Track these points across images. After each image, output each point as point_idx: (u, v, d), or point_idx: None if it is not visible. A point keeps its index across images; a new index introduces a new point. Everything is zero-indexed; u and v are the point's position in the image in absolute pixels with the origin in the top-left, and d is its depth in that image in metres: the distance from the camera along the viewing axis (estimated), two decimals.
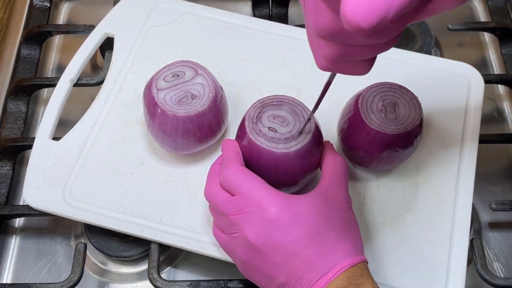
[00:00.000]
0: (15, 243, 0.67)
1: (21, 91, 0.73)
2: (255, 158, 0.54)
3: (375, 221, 0.60)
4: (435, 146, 0.64)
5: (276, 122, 0.55)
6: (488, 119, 0.76)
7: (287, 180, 0.56)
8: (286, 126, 0.54)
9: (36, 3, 0.82)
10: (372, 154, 0.58)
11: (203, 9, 0.74)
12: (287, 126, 0.54)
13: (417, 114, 0.57)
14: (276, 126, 0.54)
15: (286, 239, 0.48)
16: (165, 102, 0.58)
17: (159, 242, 0.59)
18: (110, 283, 0.64)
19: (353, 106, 0.58)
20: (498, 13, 0.82)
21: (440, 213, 0.60)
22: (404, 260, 0.58)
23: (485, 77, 0.70)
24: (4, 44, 0.79)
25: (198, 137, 0.59)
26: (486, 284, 0.60)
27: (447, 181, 0.62)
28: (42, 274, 0.64)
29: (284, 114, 0.55)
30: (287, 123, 0.55)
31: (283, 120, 0.55)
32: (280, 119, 0.55)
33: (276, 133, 0.54)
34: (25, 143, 0.67)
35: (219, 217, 0.53)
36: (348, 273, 0.48)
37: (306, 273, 0.48)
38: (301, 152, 0.54)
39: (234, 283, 0.58)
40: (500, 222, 0.68)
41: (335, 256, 0.48)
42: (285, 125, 0.54)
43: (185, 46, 0.71)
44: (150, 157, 0.63)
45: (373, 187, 0.62)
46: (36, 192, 0.61)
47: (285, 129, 0.54)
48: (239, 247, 0.51)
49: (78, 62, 0.69)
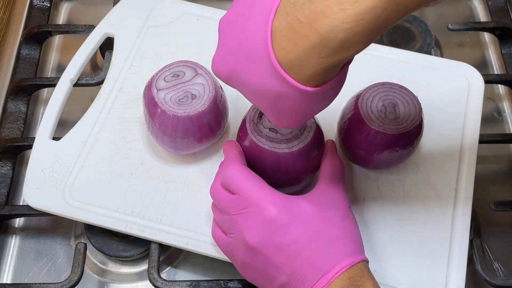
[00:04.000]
0: (15, 243, 0.66)
1: (21, 91, 0.72)
2: (258, 158, 0.54)
3: (375, 221, 0.60)
4: (435, 146, 0.64)
5: None
6: (488, 119, 0.76)
7: (290, 179, 0.56)
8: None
9: (36, 3, 0.82)
10: (372, 154, 0.58)
11: (203, 9, 0.74)
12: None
13: (417, 114, 0.57)
14: (277, 127, 0.54)
15: (286, 239, 0.48)
16: (165, 102, 0.58)
17: (159, 242, 0.59)
18: (110, 283, 0.64)
19: (353, 106, 0.58)
20: (498, 13, 0.82)
21: (440, 213, 0.60)
22: (404, 260, 0.58)
23: (485, 77, 0.70)
24: (4, 44, 0.79)
25: (198, 137, 0.59)
26: (486, 284, 0.60)
27: (447, 181, 0.62)
28: (42, 274, 0.64)
29: None
30: None
31: None
32: None
33: (278, 134, 0.54)
34: (25, 143, 0.67)
35: (221, 215, 0.53)
36: (349, 273, 0.48)
37: (307, 273, 0.48)
38: (303, 151, 0.54)
39: (234, 283, 0.58)
40: (500, 222, 0.68)
41: (336, 255, 0.48)
42: None
43: (185, 46, 0.71)
44: (150, 157, 0.63)
45: (373, 187, 0.62)
46: (36, 192, 0.61)
47: (285, 130, 0.54)
48: (238, 247, 0.51)
49: (78, 62, 0.69)
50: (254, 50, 0.43)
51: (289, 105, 0.44)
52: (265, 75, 0.43)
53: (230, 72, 0.47)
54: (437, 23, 0.82)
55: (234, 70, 0.46)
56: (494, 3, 0.83)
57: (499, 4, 0.83)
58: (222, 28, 0.48)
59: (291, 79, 0.42)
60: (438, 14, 0.84)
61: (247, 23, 0.43)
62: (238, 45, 0.44)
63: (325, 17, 0.38)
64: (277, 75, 0.42)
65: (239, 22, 0.45)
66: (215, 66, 0.49)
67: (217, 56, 0.48)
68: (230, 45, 0.46)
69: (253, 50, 0.43)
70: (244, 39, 0.44)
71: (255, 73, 0.43)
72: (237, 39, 0.45)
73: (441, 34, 0.83)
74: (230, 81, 0.48)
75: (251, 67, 0.44)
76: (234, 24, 0.45)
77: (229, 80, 0.48)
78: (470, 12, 0.87)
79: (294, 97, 0.43)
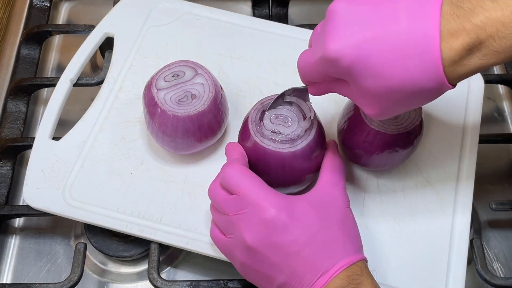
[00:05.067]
0: (15, 243, 0.66)
1: (21, 91, 0.72)
2: (262, 159, 0.54)
3: (375, 221, 0.60)
4: (435, 146, 0.64)
5: (279, 122, 0.55)
6: (488, 119, 0.76)
7: (295, 179, 0.56)
8: (289, 127, 0.54)
9: (36, 3, 0.82)
10: (372, 154, 0.58)
11: (203, 9, 0.74)
12: (290, 126, 0.54)
13: (417, 114, 0.57)
14: (280, 128, 0.54)
15: (285, 239, 0.48)
16: (165, 102, 0.58)
17: (159, 242, 0.59)
18: (110, 283, 0.64)
19: (353, 106, 0.58)
20: None
21: (440, 213, 0.60)
22: (404, 260, 0.58)
23: (485, 77, 0.70)
24: (4, 44, 0.79)
25: (198, 137, 0.59)
26: (486, 284, 0.60)
27: (447, 181, 0.62)
28: (42, 274, 0.64)
29: (285, 113, 0.55)
30: (290, 121, 0.55)
31: (285, 120, 0.55)
32: (283, 118, 0.55)
33: (280, 135, 0.54)
34: (25, 143, 0.67)
35: (219, 216, 0.53)
36: (348, 272, 0.48)
37: (306, 273, 0.48)
38: (307, 150, 0.54)
39: (234, 283, 0.58)
40: (500, 222, 0.68)
41: (334, 255, 0.48)
42: (288, 125, 0.55)
43: (185, 46, 0.71)
44: (150, 157, 0.63)
45: (373, 187, 0.62)
46: (36, 192, 0.61)
47: (288, 130, 0.54)
48: (237, 248, 0.51)
49: (78, 62, 0.69)
50: (415, 42, 0.42)
51: (419, 99, 0.45)
52: (419, 70, 0.42)
53: (361, 58, 0.43)
54: None
55: (369, 56, 0.43)
56: None
57: None
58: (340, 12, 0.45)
59: (445, 78, 0.42)
60: None
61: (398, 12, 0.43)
62: (379, 31, 0.43)
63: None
64: (436, 71, 0.42)
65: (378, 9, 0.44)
66: (338, 46, 0.44)
67: (341, 38, 0.44)
68: (359, 31, 0.43)
69: (414, 42, 0.42)
70: (396, 27, 0.42)
71: (407, 65, 0.42)
72: (374, 24, 0.43)
73: None
74: (355, 68, 0.44)
75: (401, 58, 0.42)
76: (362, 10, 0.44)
77: (355, 66, 0.44)
78: None
79: (433, 92, 0.44)
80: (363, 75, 0.44)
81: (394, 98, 0.45)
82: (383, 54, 0.43)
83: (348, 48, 0.44)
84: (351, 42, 0.44)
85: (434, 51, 0.42)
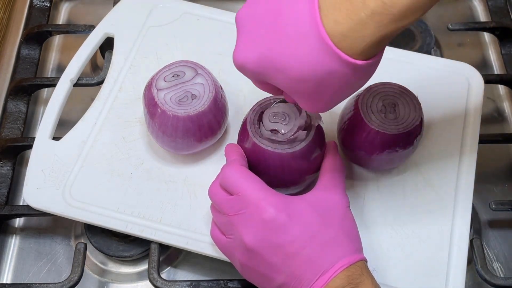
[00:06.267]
0: (15, 243, 0.66)
1: (21, 91, 0.72)
2: (261, 160, 0.54)
3: (375, 221, 0.60)
4: (435, 146, 0.64)
5: (277, 120, 0.55)
6: (488, 119, 0.76)
7: (294, 179, 0.56)
8: (287, 124, 0.54)
9: (36, 3, 0.82)
10: (372, 154, 0.58)
11: (203, 9, 0.74)
12: (288, 124, 0.54)
13: (417, 114, 0.57)
14: (278, 126, 0.54)
15: (284, 240, 0.48)
16: (165, 102, 0.58)
17: (159, 242, 0.59)
18: (110, 283, 0.64)
19: (353, 106, 0.58)
20: (498, 13, 0.82)
21: (440, 213, 0.60)
22: (404, 260, 0.58)
23: (485, 77, 0.70)
24: (4, 44, 0.79)
25: (198, 137, 0.59)
26: (486, 284, 0.60)
27: (447, 181, 0.62)
28: (42, 274, 0.64)
29: (283, 110, 0.55)
30: (288, 119, 0.55)
31: (283, 117, 0.55)
32: (281, 116, 0.55)
33: (279, 135, 0.54)
34: (25, 143, 0.67)
35: (219, 216, 0.53)
36: (348, 272, 0.48)
37: (305, 273, 0.48)
38: (306, 150, 0.54)
39: (234, 283, 0.58)
40: (500, 222, 0.68)
41: (334, 255, 0.48)
42: (286, 122, 0.54)
43: (185, 46, 0.71)
44: (150, 157, 0.63)
45: (373, 187, 0.62)
46: (36, 192, 0.61)
47: (287, 128, 0.54)
48: (237, 249, 0.51)
49: (78, 62, 0.69)
50: (297, 27, 0.41)
51: (333, 84, 0.43)
52: (310, 53, 0.41)
53: (261, 59, 0.44)
54: (437, 23, 0.82)
55: (267, 55, 0.44)
56: (494, 3, 0.83)
57: (499, 4, 0.83)
58: (242, 20, 0.46)
59: (342, 53, 0.40)
60: (438, 14, 0.84)
61: (281, 3, 0.42)
62: (272, 27, 0.43)
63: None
64: (327, 50, 0.41)
65: (269, 6, 0.43)
66: (240, 55, 0.46)
67: (242, 46, 0.46)
68: (257, 32, 0.44)
69: (296, 27, 0.41)
70: (282, 19, 0.42)
71: (298, 52, 0.42)
72: (268, 22, 0.43)
73: (441, 34, 0.83)
74: (261, 70, 0.45)
75: (292, 46, 0.42)
76: (259, 11, 0.44)
77: (260, 68, 0.45)
78: (470, 12, 0.87)
79: (342, 73, 0.42)
80: (272, 74, 0.45)
81: (311, 88, 0.44)
82: (278, 48, 0.43)
83: (248, 51, 0.45)
84: (250, 46, 0.45)
85: (318, 29, 0.40)
